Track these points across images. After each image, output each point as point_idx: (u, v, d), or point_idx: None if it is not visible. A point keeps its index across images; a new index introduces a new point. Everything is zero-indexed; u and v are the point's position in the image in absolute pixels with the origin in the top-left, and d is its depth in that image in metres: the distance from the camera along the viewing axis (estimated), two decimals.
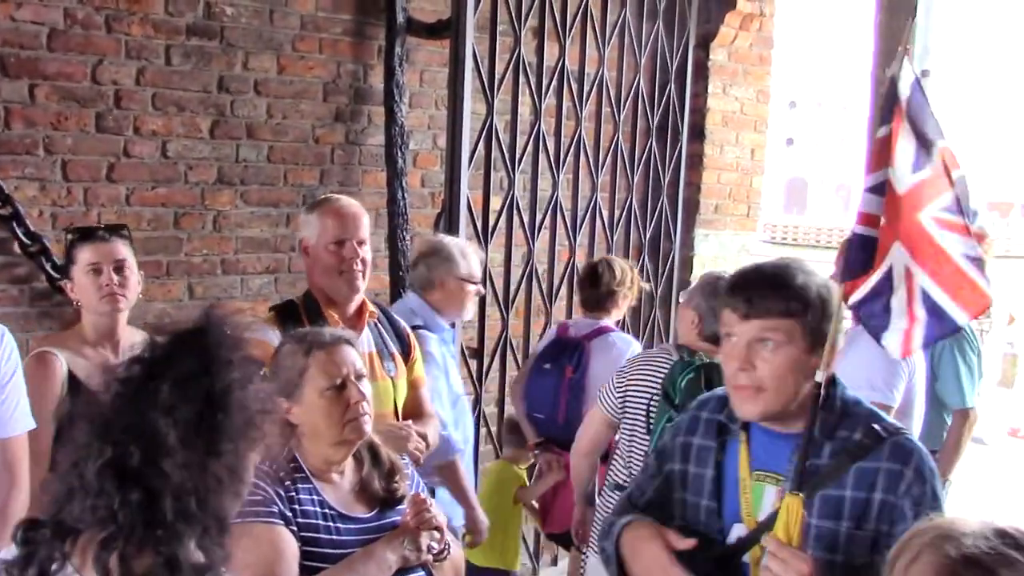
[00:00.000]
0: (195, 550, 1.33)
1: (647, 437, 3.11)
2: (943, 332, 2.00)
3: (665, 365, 3.16)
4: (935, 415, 3.84)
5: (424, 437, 2.87)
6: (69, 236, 3.02)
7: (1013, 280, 10.74)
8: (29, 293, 3.68)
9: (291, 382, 2.19)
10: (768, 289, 1.86)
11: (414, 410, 3.04)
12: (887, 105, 1.94)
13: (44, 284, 3.64)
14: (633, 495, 2.18)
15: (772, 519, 1.87)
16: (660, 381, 3.11)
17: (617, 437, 3.42)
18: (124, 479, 1.32)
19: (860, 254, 1.93)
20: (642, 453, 3.11)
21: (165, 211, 4.01)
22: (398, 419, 2.92)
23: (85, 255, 2.90)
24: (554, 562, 5.07)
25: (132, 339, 2.80)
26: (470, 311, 3.66)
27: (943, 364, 3.87)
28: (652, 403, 3.14)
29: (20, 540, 1.38)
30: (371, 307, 2.99)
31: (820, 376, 1.86)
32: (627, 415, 3.26)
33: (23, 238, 3.58)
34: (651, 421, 3.12)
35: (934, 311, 1.94)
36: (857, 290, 1.99)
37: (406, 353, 3.05)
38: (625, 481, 3.22)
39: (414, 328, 3.31)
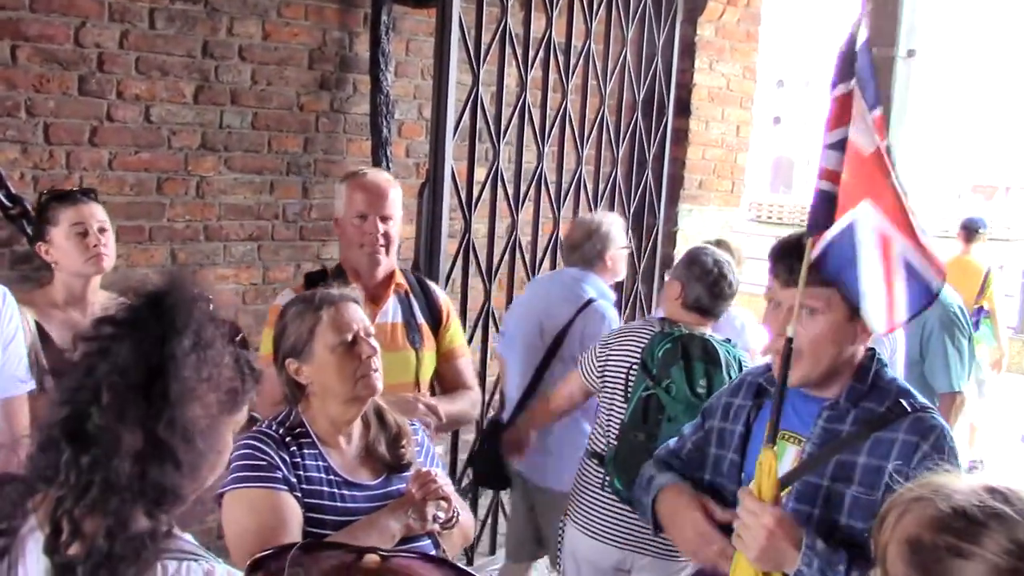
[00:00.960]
0: (142, 517, 1.32)
1: (624, 406, 3.14)
2: (925, 301, 1.96)
3: (646, 337, 3.18)
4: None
5: (435, 410, 2.82)
6: (43, 198, 3.01)
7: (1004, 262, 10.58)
8: (10, 256, 3.67)
9: (300, 340, 2.19)
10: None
11: (453, 382, 3.07)
12: (847, 64, 1.95)
13: (25, 247, 3.62)
14: (677, 446, 2.29)
15: (786, 478, 1.92)
16: (640, 352, 3.15)
17: (597, 405, 3.46)
18: (78, 440, 1.32)
19: (824, 208, 1.94)
20: (619, 422, 3.15)
21: (148, 176, 4.00)
22: (419, 391, 2.95)
23: (69, 216, 2.91)
24: None
25: (104, 302, 2.82)
26: (623, 271, 4.14)
27: (931, 347, 3.85)
28: (631, 373, 3.17)
29: None
30: (400, 278, 3.01)
31: (790, 331, 1.88)
32: (607, 385, 3.30)
33: (4, 201, 3.56)
34: (629, 391, 3.15)
35: (915, 279, 1.93)
36: (817, 244, 1.97)
37: (436, 325, 3.07)
38: (603, 450, 3.26)
39: (589, 302, 3.76)
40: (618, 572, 3.26)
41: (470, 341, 4.51)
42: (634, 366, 3.16)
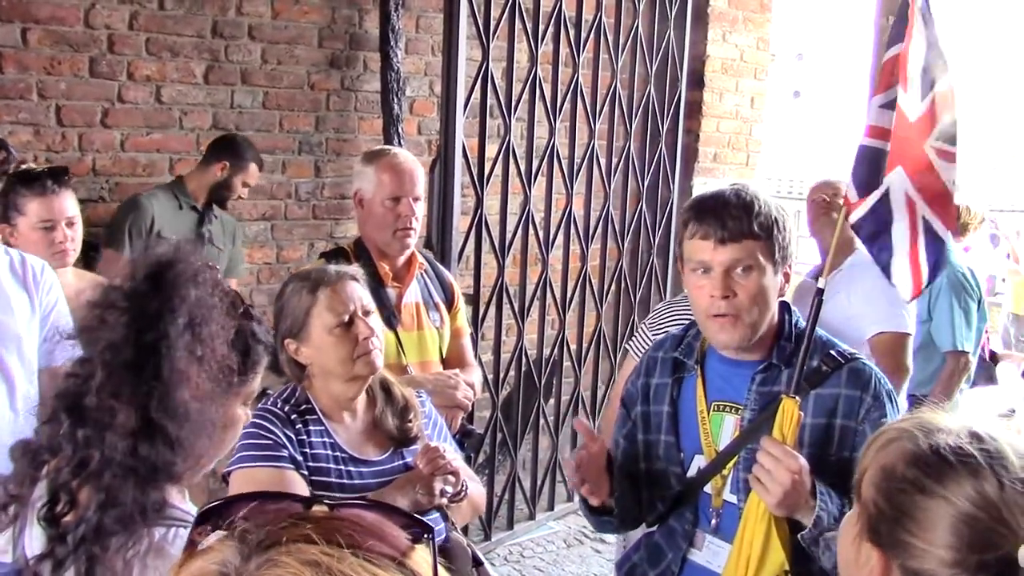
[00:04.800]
0: (133, 492, 1.32)
1: None
2: (940, 258, 2.01)
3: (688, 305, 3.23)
4: (928, 358, 3.87)
5: (471, 386, 2.93)
6: (11, 179, 2.87)
7: None
8: None
9: (297, 321, 2.17)
10: (739, 211, 1.84)
11: (457, 359, 3.09)
12: (899, 25, 1.97)
13: None
14: (610, 449, 2.21)
15: (732, 448, 1.90)
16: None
17: None
18: (75, 413, 1.33)
19: (872, 167, 1.96)
20: None
21: (160, 157, 4.02)
22: (444, 368, 2.98)
23: (35, 209, 2.82)
24: (531, 517, 5.09)
25: (77, 284, 2.76)
26: None
27: (939, 307, 3.88)
28: None
29: (10, 458, 1.41)
30: (419, 258, 3.02)
31: (822, 283, 1.93)
32: None
33: None
34: None
35: (934, 239, 1.97)
36: (858, 207, 2.01)
37: (449, 303, 3.10)
38: None
39: None
40: None
41: (484, 318, 4.53)
42: None
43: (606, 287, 5.17)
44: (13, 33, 3.61)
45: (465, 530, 4.40)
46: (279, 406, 2.16)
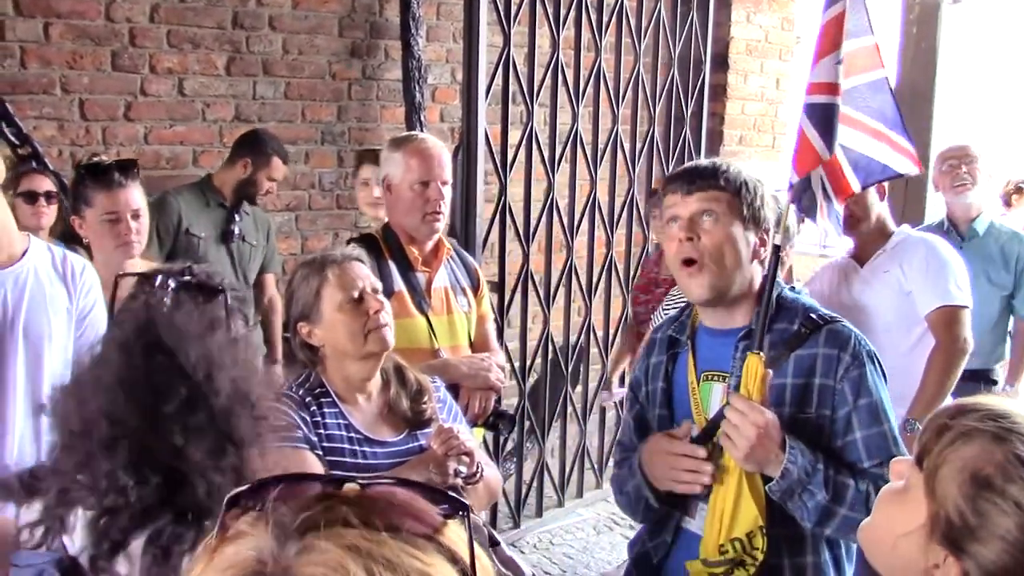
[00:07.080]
0: (170, 526, 1.31)
1: None
2: (875, 177, 2.18)
3: None
4: (1003, 332, 3.85)
5: (502, 368, 2.98)
6: (80, 171, 3.00)
7: None
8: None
9: (308, 303, 2.19)
10: (707, 170, 1.97)
11: (482, 345, 3.11)
12: None
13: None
14: (623, 435, 2.24)
15: (719, 415, 1.91)
16: None
17: None
18: (122, 460, 1.31)
19: (828, 123, 2.05)
20: None
21: (183, 149, 4.03)
22: (472, 352, 3.00)
23: (102, 201, 2.86)
24: (560, 504, 5.06)
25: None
26: None
27: None
28: None
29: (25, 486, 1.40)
30: (446, 244, 3.03)
31: (778, 239, 1.98)
32: None
33: None
34: None
35: (858, 162, 2.11)
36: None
37: (475, 288, 3.12)
38: None
39: None
40: None
41: (510, 305, 4.51)
42: None
43: (632, 273, 5.13)
44: (35, 28, 3.62)
45: (494, 518, 4.41)
46: (294, 390, 2.18)
